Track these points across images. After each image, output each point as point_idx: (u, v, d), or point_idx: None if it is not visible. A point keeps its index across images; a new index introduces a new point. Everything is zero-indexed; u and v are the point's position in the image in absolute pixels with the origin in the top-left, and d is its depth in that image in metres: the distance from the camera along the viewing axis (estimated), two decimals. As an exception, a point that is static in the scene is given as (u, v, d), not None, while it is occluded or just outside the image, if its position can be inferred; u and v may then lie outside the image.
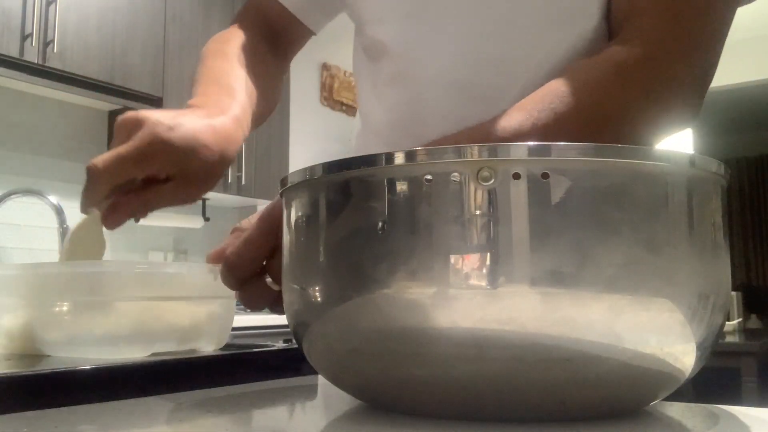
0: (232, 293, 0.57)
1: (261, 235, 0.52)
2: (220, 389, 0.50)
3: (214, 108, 0.66)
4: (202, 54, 0.77)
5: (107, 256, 0.65)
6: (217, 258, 0.55)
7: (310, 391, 0.50)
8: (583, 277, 0.32)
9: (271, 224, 0.52)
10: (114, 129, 0.60)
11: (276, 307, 0.53)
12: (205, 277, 0.59)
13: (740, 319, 4.09)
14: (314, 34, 0.89)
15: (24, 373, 0.43)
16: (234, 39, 0.80)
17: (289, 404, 0.47)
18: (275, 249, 0.52)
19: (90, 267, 0.58)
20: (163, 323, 0.57)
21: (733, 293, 3.95)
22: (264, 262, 0.53)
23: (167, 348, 0.57)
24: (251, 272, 0.52)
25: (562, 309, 0.32)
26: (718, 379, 3.28)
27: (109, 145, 0.60)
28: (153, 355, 0.57)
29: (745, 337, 3.68)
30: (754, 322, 4.51)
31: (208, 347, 0.61)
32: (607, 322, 0.33)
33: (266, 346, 0.64)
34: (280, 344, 0.65)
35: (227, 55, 0.76)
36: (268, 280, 0.54)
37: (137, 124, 0.59)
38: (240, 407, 0.44)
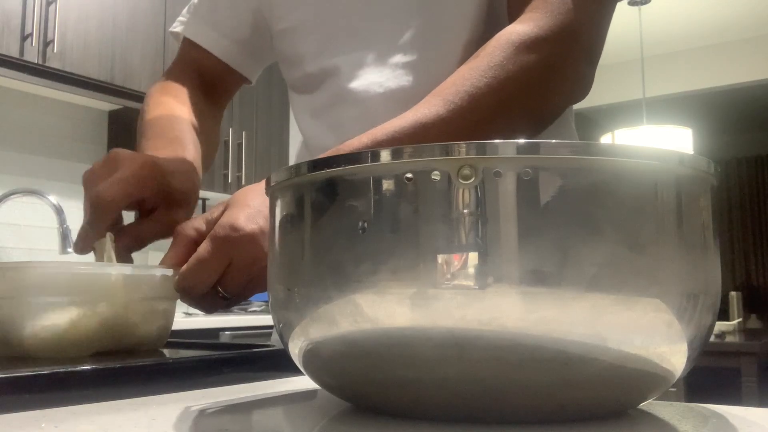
0: (173, 294, 0.62)
1: (215, 257, 0.59)
2: (220, 389, 0.50)
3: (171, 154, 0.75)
4: (143, 107, 0.85)
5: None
6: (172, 264, 0.62)
7: (310, 391, 0.50)
8: (564, 276, 0.32)
9: (226, 244, 0.59)
10: (103, 161, 0.68)
11: (223, 307, 0.64)
12: (144, 277, 0.60)
13: (740, 319, 4.08)
14: (249, 82, 0.97)
15: (24, 374, 0.42)
16: (171, 91, 0.87)
17: (288, 404, 0.47)
18: (229, 266, 0.60)
19: (24, 268, 0.57)
20: (99, 323, 0.56)
21: (733, 293, 3.95)
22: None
23: (104, 347, 0.57)
24: (206, 290, 0.61)
25: (544, 309, 0.32)
26: (718, 379, 3.28)
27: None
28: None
29: (745, 337, 3.67)
30: (754, 322, 4.51)
31: (147, 347, 0.61)
32: (589, 322, 0.32)
33: (266, 346, 0.63)
34: (279, 344, 0.64)
35: (167, 106, 0.83)
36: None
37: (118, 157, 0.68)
38: (239, 407, 0.43)
